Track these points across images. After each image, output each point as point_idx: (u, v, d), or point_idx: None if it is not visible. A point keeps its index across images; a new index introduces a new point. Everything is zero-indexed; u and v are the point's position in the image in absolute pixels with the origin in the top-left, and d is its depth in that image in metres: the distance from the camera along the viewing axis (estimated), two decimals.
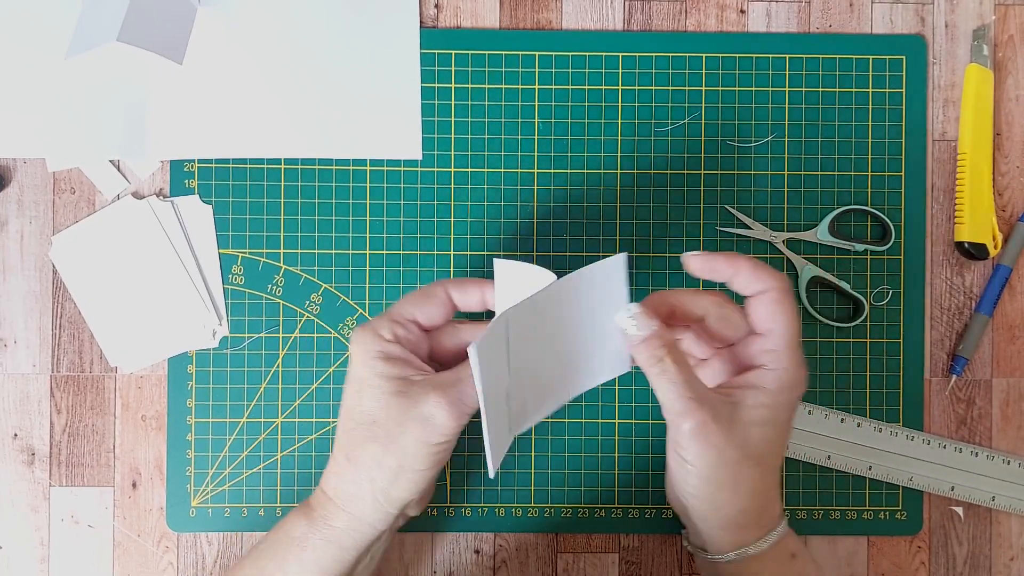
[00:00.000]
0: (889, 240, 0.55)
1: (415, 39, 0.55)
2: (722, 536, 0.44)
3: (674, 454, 0.43)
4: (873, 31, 0.56)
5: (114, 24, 0.49)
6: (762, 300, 0.43)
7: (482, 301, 0.45)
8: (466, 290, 0.45)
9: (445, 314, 0.45)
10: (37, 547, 0.54)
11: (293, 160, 0.55)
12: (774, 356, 0.43)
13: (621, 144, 0.55)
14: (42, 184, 0.55)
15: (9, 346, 0.55)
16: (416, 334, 0.44)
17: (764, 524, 0.43)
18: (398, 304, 0.45)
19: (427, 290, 0.45)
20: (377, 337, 0.43)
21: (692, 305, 0.44)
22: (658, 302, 0.44)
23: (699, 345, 0.46)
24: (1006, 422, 0.56)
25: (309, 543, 0.44)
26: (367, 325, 0.44)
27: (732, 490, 0.42)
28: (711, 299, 0.44)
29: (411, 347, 0.44)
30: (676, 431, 0.41)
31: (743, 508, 0.43)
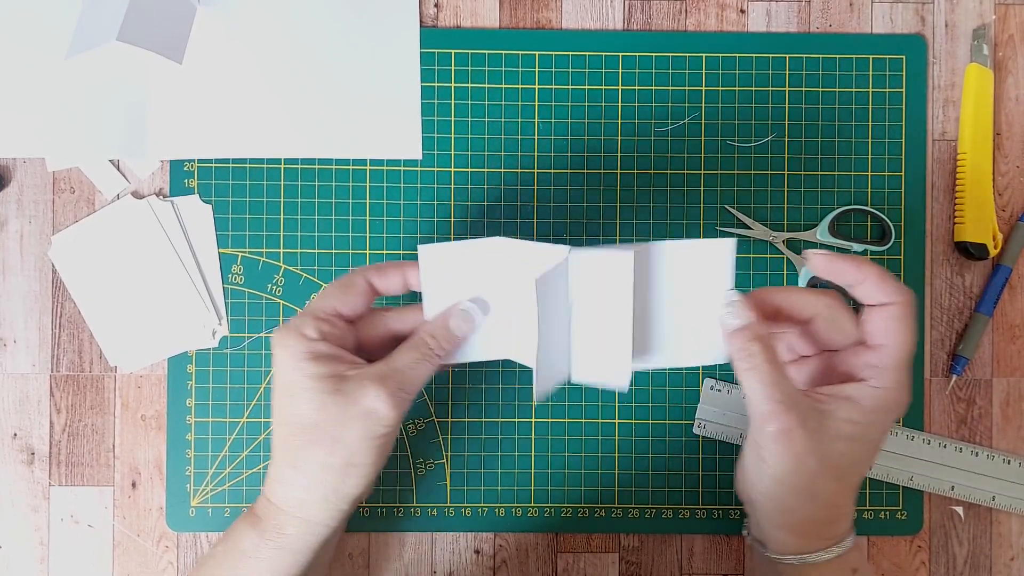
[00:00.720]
0: (889, 240, 0.54)
1: (415, 39, 0.55)
2: (785, 539, 0.43)
3: (752, 451, 0.42)
4: (873, 31, 0.56)
5: (114, 24, 0.49)
6: (882, 313, 0.41)
7: (404, 284, 0.44)
8: (386, 274, 0.44)
9: (366, 302, 0.44)
10: (37, 547, 0.54)
11: (293, 160, 0.55)
12: (879, 373, 0.41)
13: (621, 144, 0.55)
14: (42, 184, 0.55)
15: (9, 346, 0.55)
16: (341, 327, 0.43)
17: (830, 536, 0.42)
18: (317, 299, 0.44)
19: (345, 280, 0.44)
20: (302, 337, 0.42)
21: (802, 304, 0.42)
22: (764, 297, 0.43)
23: (801, 344, 0.44)
24: (1006, 422, 0.56)
25: (261, 554, 0.43)
26: (289, 325, 0.43)
27: (804, 498, 0.41)
28: (824, 300, 0.42)
29: (338, 341, 0.43)
30: (758, 430, 0.40)
31: (812, 517, 0.42)
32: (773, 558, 0.44)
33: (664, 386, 0.55)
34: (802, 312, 0.43)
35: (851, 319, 0.42)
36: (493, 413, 0.55)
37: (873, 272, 0.41)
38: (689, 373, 0.55)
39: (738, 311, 0.41)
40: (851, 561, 0.43)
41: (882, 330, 0.41)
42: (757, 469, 0.41)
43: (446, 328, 0.43)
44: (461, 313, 0.43)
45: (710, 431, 0.54)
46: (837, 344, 0.43)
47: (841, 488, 0.42)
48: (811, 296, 0.43)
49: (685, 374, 0.55)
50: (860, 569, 0.43)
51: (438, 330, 0.43)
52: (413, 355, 0.42)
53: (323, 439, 0.42)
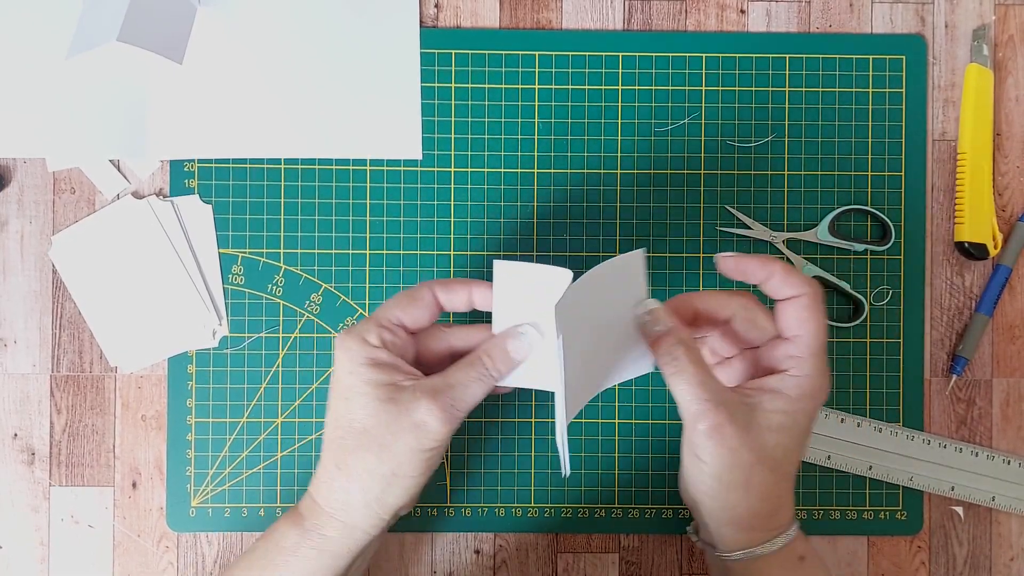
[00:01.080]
0: (889, 240, 0.55)
1: (415, 39, 0.55)
2: (731, 535, 0.43)
3: (689, 452, 0.42)
4: (873, 31, 0.56)
5: (114, 24, 0.49)
6: (792, 305, 0.42)
7: (469, 301, 0.44)
8: (453, 290, 0.44)
9: (431, 316, 0.44)
10: (37, 547, 0.54)
11: (293, 160, 0.55)
12: (798, 362, 0.42)
13: (621, 144, 0.55)
14: (42, 184, 0.55)
15: (9, 346, 0.55)
16: (403, 338, 0.44)
17: (774, 527, 0.43)
18: (384, 307, 0.44)
19: (413, 292, 0.44)
20: (364, 343, 0.42)
21: (718, 307, 0.44)
22: (682, 303, 0.44)
23: (723, 345, 0.46)
24: (1006, 422, 0.56)
25: (301, 553, 0.43)
26: (353, 330, 0.43)
27: (744, 491, 0.42)
28: (739, 301, 0.44)
29: (398, 351, 0.43)
30: (691, 430, 0.41)
31: (754, 510, 0.42)
32: (723, 558, 0.44)
33: (664, 386, 0.55)
34: (719, 313, 0.44)
35: (766, 315, 0.44)
36: (493, 413, 0.55)
37: (779, 268, 0.43)
38: None
39: (657, 317, 0.42)
40: (797, 549, 0.44)
41: (795, 321, 0.42)
42: (696, 469, 0.42)
43: (504, 349, 0.43)
44: (519, 336, 0.43)
45: None
46: (757, 341, 0.44)
47: (778, 478, 0.42)
48: (727, 297, 0.44)
49: None
50: (807, 556, 0.44)
51: (496, 350, 0.43)
52: (469, 373, 0.43)
53: (372, 446, 0.42)
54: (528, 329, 0.43)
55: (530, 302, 0.43)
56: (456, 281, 0.44)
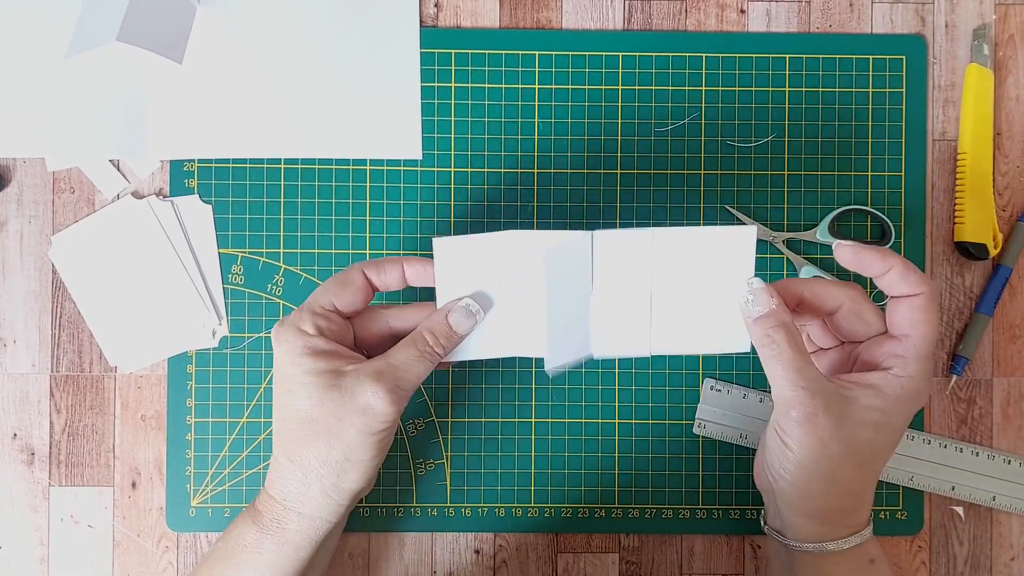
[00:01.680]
0: (889, 240, 0.54)
1: (415, 39, 0.55)
2: (805, 526, 0.43)
3: (775, 435, 0.42)
4: (873, 31, 0.56)
5: (114, 24, 0.49)
6: (907, 304, 0.41)
7: (402, 278, 0.44)
8: (384, 269, 0.44)
9: (364, 298, 0.44)
10: (37, 547, 0.54)
11: (293, 160, 0.55)
12: (903, 363, 0.41)
13: (621, 144, 0.55)
14: (42, 184, 0.55)
15: (9, 346, 0.55)
16: (339, 323, 0.43)
17: (850, 524, 0.43)
18: (315, 294, 0.43)
19: (343, 276, 0.44)
20: (300, 332, 0.42)
21: (826, 296, 0.43)
22: (788, 288, 0.43)
23: (823, 336, 0.45)
24: (1007, 422, 0.56)
25: (263, 548, 0.43)
26: (286, 321, 0.43)
27: (827, 484, 0.41)
28: (848, 292, 0.43)
29: (336, 337, 0.43)
30: (783, 415, 0.41)
31: (833, 504, 0.42)
32: (792, 545, 0.44)
33: (664, 386, 0.55)
34: (827, 303, 0.43)
35: (874, 311, 0.43)
36: (493, 413, 0.55)
37: (898, 263, 0.41)
38: (689, 373, 0.55)
39: (760, 298, 0.42)
40: (869, 552, 0.43)
41: (907, 320, 0.41)
42: (780, 455, 0.42)
43: (445, 324, 0.43)
44: (462, 309, 0.43)
45: (710, 431, 0.54)
46: (860, 335, 0.43)
47: (863, 475, 0.42)
48: (836, 288, 0.43)
49: (685, 374, 0.55)
50: (877, 560, 0.44)
51: (437, 326, 0.43)
52: (412, 352, 0.42)
53: (321, 434, 0.42)
54: (469, 301, 0.43)
55: (473, 274, 0.43)
56: (387, 260, 0.44)
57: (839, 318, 0.43)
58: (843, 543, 0.42)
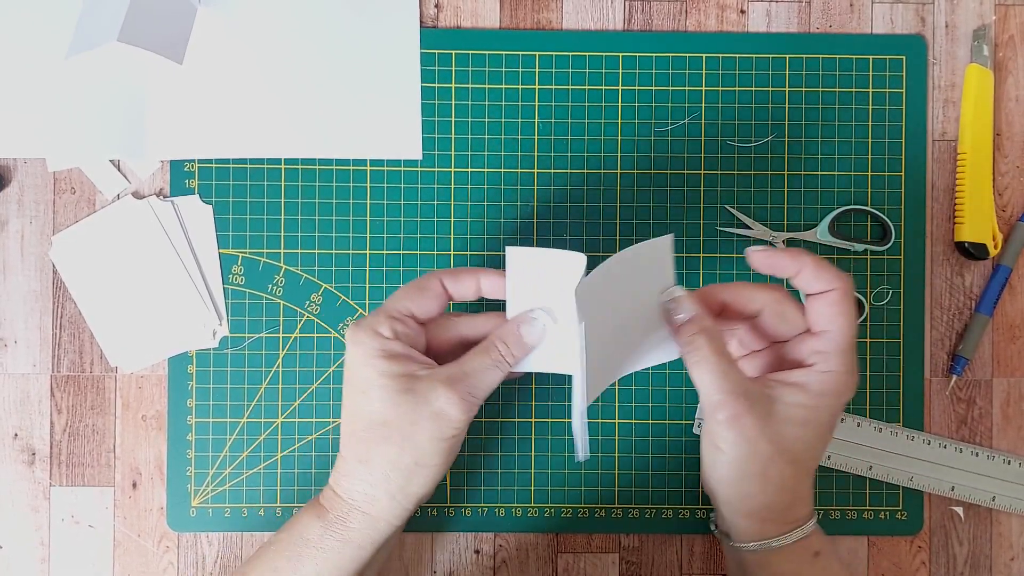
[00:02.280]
0: (889, 240, 0.55)
1: (415, 39, 0.55)
2: (746, 525, 0.43)
3: (708, 440, 0.42)
4: (873, 31, 0.56)
5: (114, 24, 0.49)
6: (823, 300, 0.42)
7: (477, 289, 0.44)
8: (460, 279, 0.44)
9: (440, 306, 0.44)
10: (37, 547, 0.54)
11: (293, 160, 0.55)
12: (825, 357, 0.42)
13: (621, 144, 0.55)
14: (42, 184, 0.55)
15: (9, 346, 0.55)
16: (414, 328, 0.44)
17: (790, 520, 0.43)
18: (393, 299, 0.44)
19: (421, 283, 0.44)
20: (376, 335, 0.43)
21: (748, 299, 0.44)
22: (710, 293, 0.44)
23: (751, 338, 0.45)
24: (1006, 422, 0.56)
25: (325, 545, 0.43)
26: (363, 323, 0.43)
27: (760, 483, 0.42)
28: (769, 294, 0.43)
29: (410, 342, 0.43)
30: (711, 419, 0.41)
31: (769, 502, 0.42)
32: (737, 547, 0.44)
33: (664, 386, 0.55)
34: (749, 306, 0.44)
35: (797, 309, 0.43)
36: (493, 413, 0.55)
37: (809, 261, 0.42)
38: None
39: (682, 305, 0.42)
40: (813, 544, 0.44)
41: (824, 316, 0.42)
42: (714, 457, 0.42)
43: (517, 334, 0.43)
44: (531, 321, 0.43)
45: None
46: (785, 335, 0.44)
47: (796, 472, 0.42)
48: (757, 290, 0.44)
49: (685, 374, 0.55)
50: (822, 552, 0.44)
51: (509, 336, 0.43)
52: (484, 360, 0.43)
53: (394, 437, 0.42)
54: (540, 314, 0.43)
55: (542, 287, 0.43)
56: (464, 270, 0.44)
57: (763, 320, 0.44)
58: (785, 539, 0.43)
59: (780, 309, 0.43)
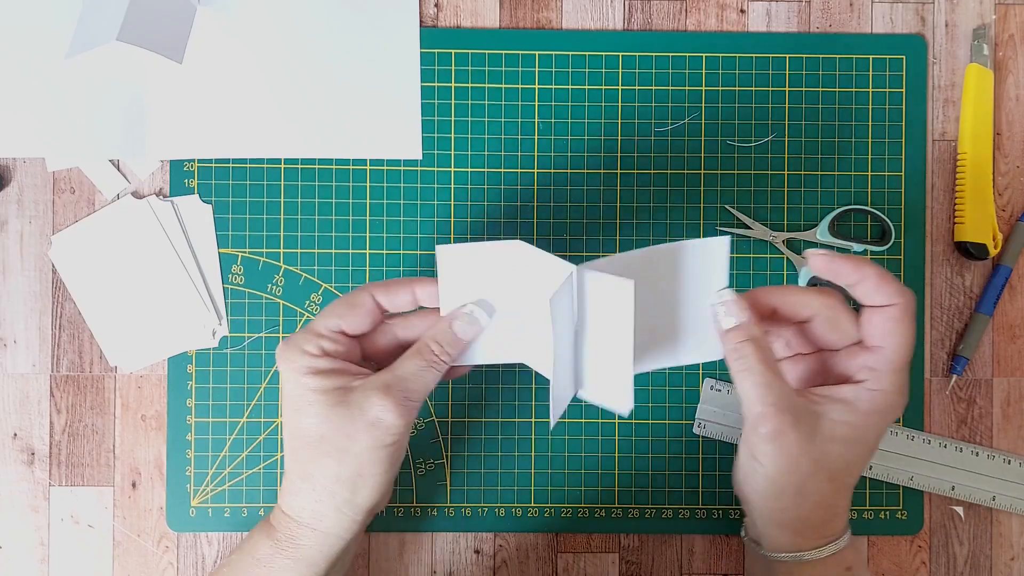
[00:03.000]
0: (889, 240, 0.54)
1: (415, 39, 0.55)
2: (779, 537, 0.43)
3: (746, 451, 0.41)
4: (873, 31, 0.56)
5: (114, 24, 0.49)
6: (882, 314, 0.40)
7: (412, 300, 0.43)
8: (394, 292, 0.43)
9: (372, 321, 0.43)
10: (37, 547, 0.54)
11: (293, 160, 0.55)
12: (876, 375, 0.40)
13: (621, 144, 0.55)
14: (42, 184, 0.55)
15: (9, 346, 0.55)
16: (344, 342, 0.43)
17: (825, 535, 0.42)
18: (321, 316, 0.43)
19: (351, 299, 0.43)
20: (302, 353, 0.42)
21: (800, 304, 0.42)
22: (760, 297, 0.42)
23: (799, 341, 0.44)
24: (1007, 422, 0.56)
25: (276, 564, 0.43)
26: (290, 341, 0.42)
27: (797, 498, 0.41)
28: (823, 300, 0.42)
29: (341, 356, 0.42)
30: (752, 431, 0.40)
31: (805, 517, 0.42)
32: (768, 556, 0.44)
33: (664, 386, 0.55)
34: (800, 312, 0.42)
35: (850, 319, 0.42)
36: (493, 413, 0.55)
37: (872, 272, 0.40)
38: (689, 373, 0.55)
39: (732, 310, 0.41)
40: (846, 560, 0.43)
41: (880, 331, 0.41)
42: (751, 469, 0.41)
43: (450, 332, 0.42)
44: (465, 316, 0.42)
45: (710, 431, 0.54)
46: (835, 344, 0.43)
47: (835, 489, 0.41)
48: (810, 296, 0.42)
49: (685, 374, 0.55)
50: (854, 567, 0.43)
51: (442, 334, 0.42)
52: (417, 362, 0.42)
53: (331, 451, 0.41)
54: (473, 308, 0.42)
55: (476, 282, 0.42)
56: (396, 282, 0.43)
57: (814, 326, 0.42)
58: (817, 553, 0.42)
59: (833, 316, 0.42)
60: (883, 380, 0.40)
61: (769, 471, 0.40)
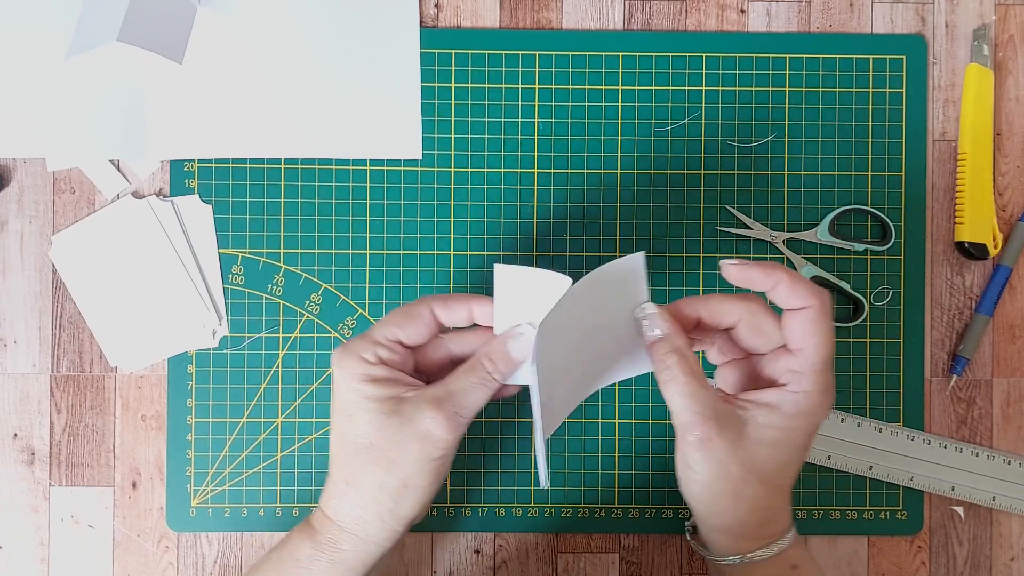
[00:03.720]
0: (889, 240, 0.55)
1: (415, 39, 0.55)
2: (721, 541, 0.44)
3: (681, 460, 0.42)
4: (873, 31, 0.56)
5: (114, 24, 0.49)
6: (798, 317, 0.41)
7: (469, 317, 0.44)
8: (452, 307, 0.43)
9: (429, 333, 0.44)
10: (37, 547, 0.54)
11: (293, 160, 0.55)
12: (798, 377, 0.41)
13: (621, 144, 0.55)
14: (42, 184, 0.55)
15: (9, 346, 0.55)
16: (401, 352, 0.43)
17: (765, 536, 0.43)
18: (380, 325, 0.43)
19: (410, 310, 0.43)
20: (360, 360, 0.42)
21: (723, 312, 0.43)
22: (684, 308, 0.43)
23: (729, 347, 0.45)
24: (1006, 422, 0.56)
25: (315, 566, 0.43)
26: (348, 347, 0.43)
27: (732, 502, 0.41)
28: (745, 306, 0.42)
29: (396, 366, 0.43)
30: (682, 439, 0.41)
31: (741, 520, 0.42)
32: (714, 561, 0.44)
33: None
34: (724, 319, 0.43)
35: (773, 323, 0.42)
36: (493, 413, 0.55)
37: (784, 277, 0.41)
38: None
39: (654, 322, 0.42)
40: (790, 558, 0.43)
41: (799, 334, 0.41)
42: (686, 476, 0.42)
43: (503, 350, 0.43)
44: (518, 336, 0.43)
45: None
46: (762, 348, 0.43)
47: (769, 491, 0.42)
48: (732, 302, 0.43)
49: None
50: (800, 565, 0.44)
51: (495, 352, 0.43)
52: (470, 378, 0.42)
53: (380, 459, 0.42)
54: (527, 328, 0.43)
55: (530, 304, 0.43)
56: (455, 297, 0.44)
57: (739, 332, 0.43)
58: (760, 553, 0.43)
59: (756, 321, 0.42)
60: (804, 382, 0.41)
61: (702, 477, 0.41)
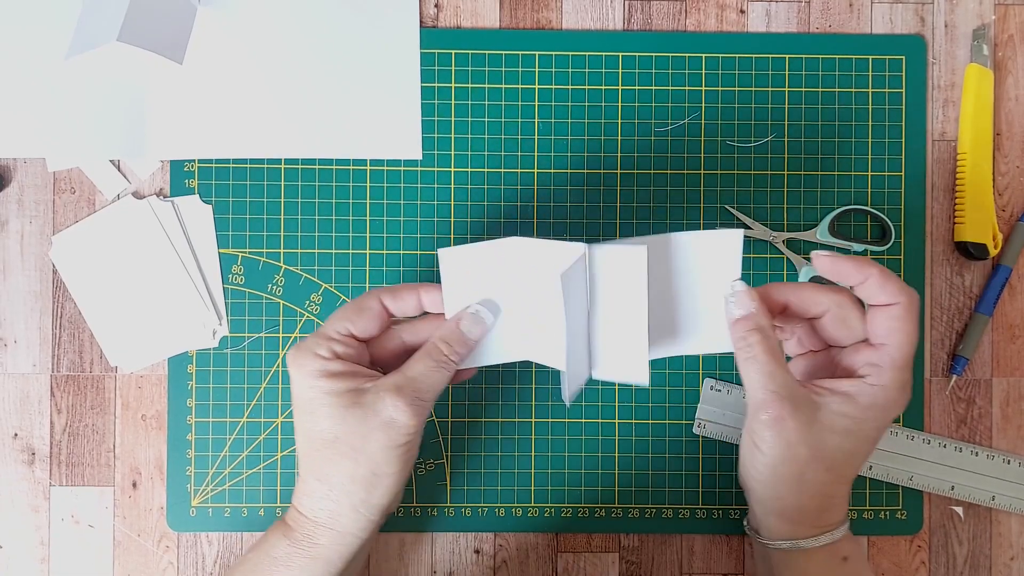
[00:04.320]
0: (889, 240, 0.55)
1: (415, 39, 0.55)
2: (776, 525, 0.44)
3: (748, 438, 0.43)
4: (873, 31, 0.56)
5: (114, 24, 0.49)
6: (885, 312, 0.42)
7: (418, 305, 0.44)
8: (400, 296, 0.44)
9: (380, 325, 0.44)
10: (37, 547, 0.54)
11: (293, 160, 0.55)
12: (878, 371, 0.41)
13: (621, 144, 0.55)
14: (42, 184, 0.55)
15: (9, 346, 0.55)
16: (355, 346, 0.44)
17: (821, 524, 0.43)
18: (331, 320, 0.44)
19: (359, 303, 0.44)
20: (315, 356, 0.43)
21: (811, 302, 0.43)
22: (773, 293, 0.43)
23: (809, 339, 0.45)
24: (1006, 422, 0.56)
25: (294, 563, 0.43)
26: (302, 346, 0.43)
27: (795, 485, 0.42)
28: (833, 297, 0.43)
29: (352, 359, 0.43)
30: (754, 418, 0.41)
31: (802, 505, 0.43)
32: (765, 544, 0.45)
33: (664, 386, 0.55)
34: (812, 309, 0.43)
35: (860, 317, 0.43)
36: (493, 413, 0.55)
37: (876, 272, 0.42)
38: (689, 373, 0.55)
39: (741, 301, 0.42)
40: (842, 549, 0.44)
41: (884, 329, 0.42)
42: (752, 456, 0.42)
43: (457, 332, 0.43)
44: (471, 316, 0.44)
45: (710, 431, 0.54)
46: (844, 341, 0.44)
47: (832, 479, 0.42)
48: (822, 293, 0.43)
49: (685, 374, 0.55)
50: (851, 557, 0.44)
51: (449, 335, 0.43)
52: (427, 362, 0.43)
53: (347, 452, 0.42)
54: (478, 307, 0.44)
55: (479, 283, 0.43)
56: (403, 287, 0.45)
57: (824, 323, 0.44)
58: (813, 541, 0.43)
59: (843, 314, 0.43)
60: (884, 376, 0.41)
61: (768, 457, 0.41)
